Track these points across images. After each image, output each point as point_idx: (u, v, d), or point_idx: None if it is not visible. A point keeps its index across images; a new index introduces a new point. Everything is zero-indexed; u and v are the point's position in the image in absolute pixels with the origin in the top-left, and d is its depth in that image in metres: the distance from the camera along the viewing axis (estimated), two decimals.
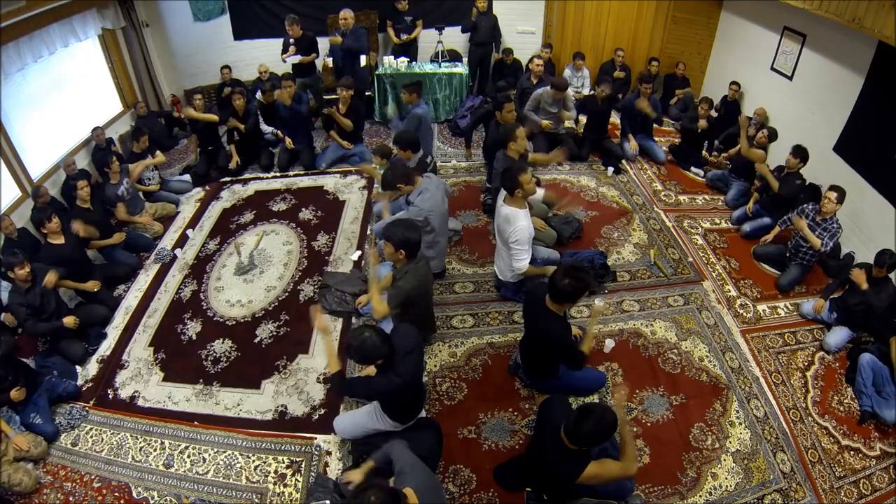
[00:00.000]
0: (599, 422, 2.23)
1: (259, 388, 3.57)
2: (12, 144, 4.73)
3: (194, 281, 4.50)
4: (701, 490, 2.96)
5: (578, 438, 2.27)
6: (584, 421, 2.23)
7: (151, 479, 3.07)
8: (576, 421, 2.25)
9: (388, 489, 1.90)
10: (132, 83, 6.60)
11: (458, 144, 6.39)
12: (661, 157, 5.95)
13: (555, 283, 2.76)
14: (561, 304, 2.85)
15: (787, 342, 3.87)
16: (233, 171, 5.86)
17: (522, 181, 3.45)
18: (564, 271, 2.76)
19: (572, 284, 2.72)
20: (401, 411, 2.92)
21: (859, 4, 3.88)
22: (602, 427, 2.24)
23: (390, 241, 3.08)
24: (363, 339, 2.51)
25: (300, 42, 6.04)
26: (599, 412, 2.27)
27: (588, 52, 7.27)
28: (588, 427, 2.22)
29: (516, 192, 3.50)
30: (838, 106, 4.69)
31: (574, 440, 2.30)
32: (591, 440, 2.27)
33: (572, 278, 2.72)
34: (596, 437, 2.26)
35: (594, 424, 2.22)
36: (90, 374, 3.73)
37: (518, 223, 3.50)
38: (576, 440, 2.29)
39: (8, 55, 4.53)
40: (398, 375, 2.59)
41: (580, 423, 2.24)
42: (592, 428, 2.23)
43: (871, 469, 3.12)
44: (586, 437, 2.26)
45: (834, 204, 4.01)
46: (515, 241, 3.54)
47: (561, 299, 2.81)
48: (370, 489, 1.84)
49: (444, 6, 7.16)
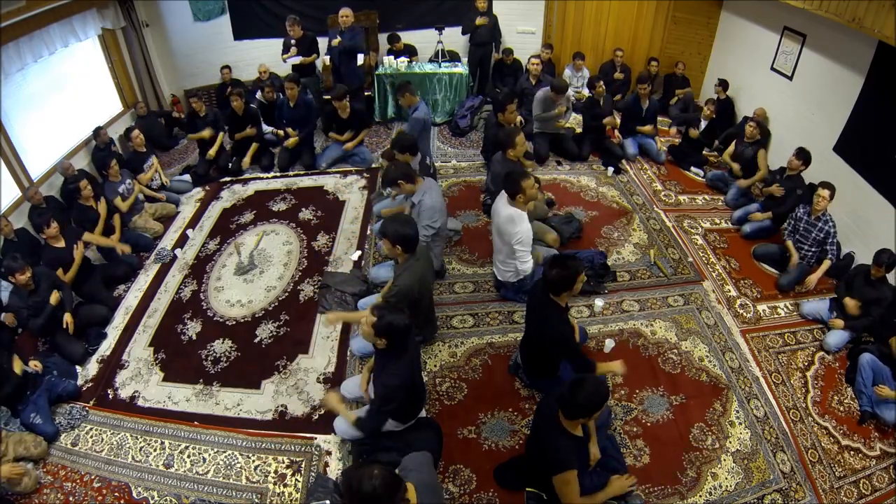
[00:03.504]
0: (593, 391, 2.29)
1: (259, 388, 3.57)
2: (12, 144, 4.74)
3: (194, 281, 4.50)
4: (701, 490, 2.96)
5: (574, 409, 2.32)
6: (579, 391, 2.29)
7: (151, 479, 3.07)
8: (570, 392, 2.30)
9: (391, 472, 1.90)
10: (132, 83, 6.60)
11: (458, 144, 6.39)
12: (661, 158, 5.95)
13: (545, 276, 2.89)
14: (558, 295, 2.92)
15: (787, 342, 3.87)
16: (233, 171, 5.86)
17: (525, 186, 3.48)
18: (551, 263, 2.90)
19: (560, 273, 2.83)
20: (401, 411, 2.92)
21: (859, 4, 3.88)
22: (596, 396, 2.30)
23: (387, 238, 3.11)
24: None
25: (301, 42, 6.05)
26: (592, 381, 2.34)
27: (588, 52, 7.27)
28: (582, 396, 2.28)
29: (518, 198, 3.52)
30: (838, 106, 4.68)
31: (570, 412, 2.34)
32: (586, 410, 2.31)
33: (558, 267, 2.84)
34: (590, 406, 2.30)
35: (588, 393, 2.28)
36: (90, 374, 3.73)
37: (522, 225, 3.54)
38: (572, 412, 2.33)
39: (8, 55, 4.53)
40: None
41: (575, 393, 2.29)
42: (587, 397, 2.28)
43: (871, 469, 3.12)
44: (582, 407, 2.30)
45: (827, 201, 4.03)
46: (519, 243, 3.56)
47: (555, 290, 2.90)
48: (375, 465, 1.85)
49: (445, 6, 7.16)
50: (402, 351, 2.68)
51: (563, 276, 2.83)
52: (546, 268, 2.90)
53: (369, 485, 1.78)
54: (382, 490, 1.80)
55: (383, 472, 1.83)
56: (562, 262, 2.87)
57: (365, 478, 1.80)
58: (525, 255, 3.66)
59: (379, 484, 1.79)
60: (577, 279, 2.86)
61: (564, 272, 2.83)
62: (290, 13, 6.22)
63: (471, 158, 6.04)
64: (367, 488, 1.78)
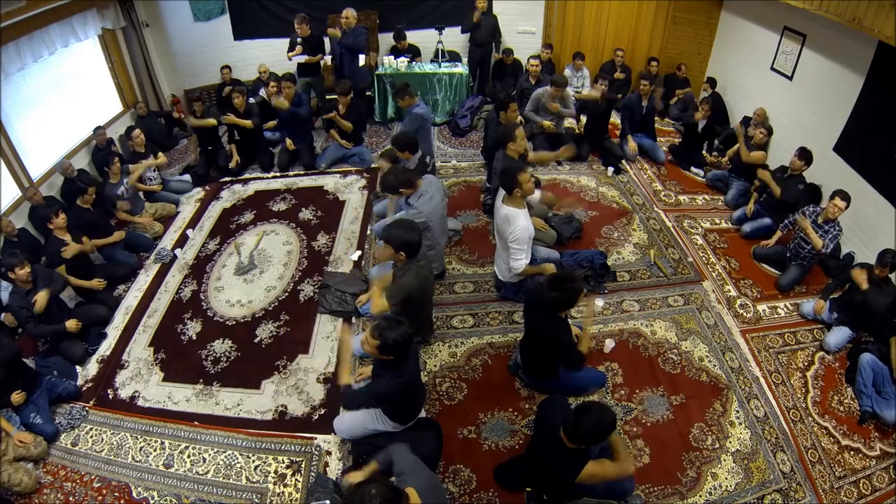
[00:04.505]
0: (599, 421, 2.25)
1: (259, 388, 3.57)
2: (12, 144, 4.73)
3: (194, 281, 4.50)
4: (701, 490, 2.96)
5: (578, 437, 2.28)
6: (583, 419, 2.24)
7: (151, 479, 3.07)
8: (574, 420, 2.26)
9: (389, 485, 1.89)
10: (132, 83, 6.60)
11: (458, 144, 6.39)
12: (661, 157, 5.95)
13: (545, 296, 2.86)
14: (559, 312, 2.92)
15: (787, 342, 3.87)
16: (233, 170, 5.86)
17: (521, 181, 3.46)
18: (550, 284, 2.85)
19: (560, 296, 2.82)
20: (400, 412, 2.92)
21: (859, 4, 3.88)
22: (601, 425, 2.25)
23: (390, 243, 3.09)
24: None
25: (307, 41, 6.04)
26: (598, 410, 2.28)
27: (588, 52, 7.27)
28: (587, 426, 2.24)
29: (515, 192, 3.51)
30: (838, 106, 4.68)
31: (573, 439, 2.31)
32: (590, 439, 2.28)
33: (558, 290, 2.81)
34: (595, 435, 2.27)
35: (593, 423, 2.24)
36: (90, 374, 3.73)
37: (518, 223, 3.51)
38: (575, 439, 2.30)
39: (8, 55, 4.53)
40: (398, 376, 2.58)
41: (579, 421, 2.25)
42: (592, 426, 2.24)
43: (871, 469, 3.12)
44: (586, 436, 2.27)
45: (841, 211, 3.97)
46: (514, 241, 3.54)
47: (555, 309, 2.90)
48: (372, 484, 1.83)
49: (444, 6, 7.16)
50: (402, 362, 2.66)
51: (563, 298, 2.83)
52: (546, 289, 2.86)
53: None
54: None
55: (381, 490, 1.81)
56: (561, 286, 2.82)
57: (364, 498, 1.78)
58: (518, 253, 3.58)
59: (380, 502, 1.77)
60: (577, 298, 2.85)
61: (564, 296, 2.82)
62: (290, 13, 6.22)
63: (471, 158, 6.04)
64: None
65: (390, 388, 2.63)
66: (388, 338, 2.49)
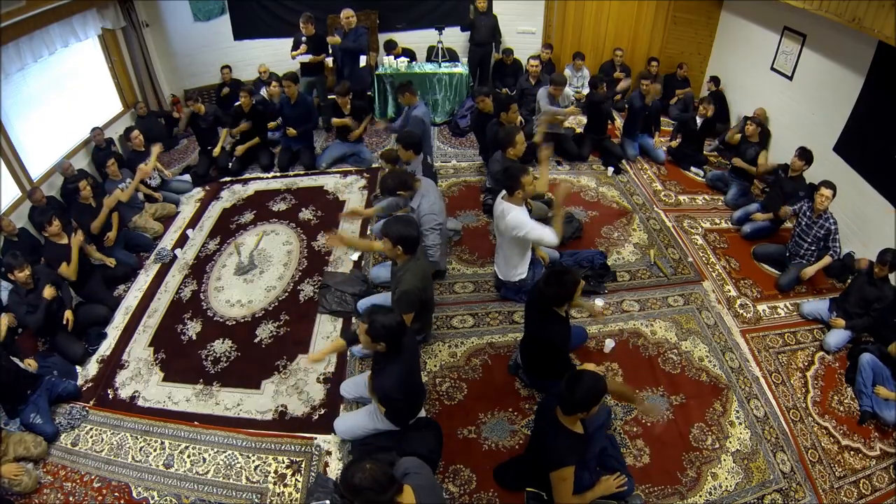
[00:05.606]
0: (591, 386, 2.32)
1: (259, 388, 3.57)
2: (12, 144, 4.73)
3: (194, 281, 4.50)
4: (701, 490, 2.96)
5: (572, 404, 2.34)
6: (576, 386, 2.31)
7: (151, 479, 3.07)
8: (568, 387, 2.32)
9: (386, 470, 1.93)
10: (132, 83, 6.60)
11: (458, 144, 6.39)
12: (661, 157, 5.95)
13: (543, 294, 2.88)
14: (558, 306, 2.93)
15: (787, 342, 3.87)
16: (233, 170, 5.86)
17: (524, 182, 3.46)
18: (546, 281, 2.88)
19: (556, 291, 2.84)
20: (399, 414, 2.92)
21: (859, 4, 3.88)
22: (593, 390, 2.32)
23: (388, 238, 3.10)
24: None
25: (312, 40, 6.04)
26: (590, 377, 2.37)
27: (588, 52, 7.27)
28: (580, 391, 2.30)
29: (516, 193, 3.51)
30: (838, 106, 4.68)
31: (567, 407, 2.36)
32: (583, 405, 2.33)
33: (555, 285, 2.84)
34: (588, 401, 2.32)
35: (586, 388, 2.31)
36: (90, 374, 3.73)
37: (511, 213, 3.50)
38: (570, 407, 2.35)
39: (8, 55, 4.53)
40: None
41: (572, 388, 2.31)
42: (584, 391, 2.30)
43: (871, 469, 3.12)
44: (579, 403, 2.32)
45: (829, 200, 4.03)
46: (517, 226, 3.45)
47: (554, 304, 2.91)
48: (368, 461, 1.89)
49: (444, 6, 7.17)
50: (397, 351, 2.67)
51: (560, 292, 2.84)
52: (542, 287, 2.89)
53: (358, 477, 1.85)
54: (368, 484, 1.84)
55: (375, 468, 1.87)
56: (557, 280, 2.84)
57: (357, 470, 1.87)
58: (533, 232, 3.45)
59: (366, 478, 1.85)
60: (576, 291, 2.86)
61: (561, 289, 2.83)
62: (290, 13, 6.22)
63: (471, 158, 6.03)
64: (354, 480, 1.85)
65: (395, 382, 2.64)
66: (378, 322, 2.52)
